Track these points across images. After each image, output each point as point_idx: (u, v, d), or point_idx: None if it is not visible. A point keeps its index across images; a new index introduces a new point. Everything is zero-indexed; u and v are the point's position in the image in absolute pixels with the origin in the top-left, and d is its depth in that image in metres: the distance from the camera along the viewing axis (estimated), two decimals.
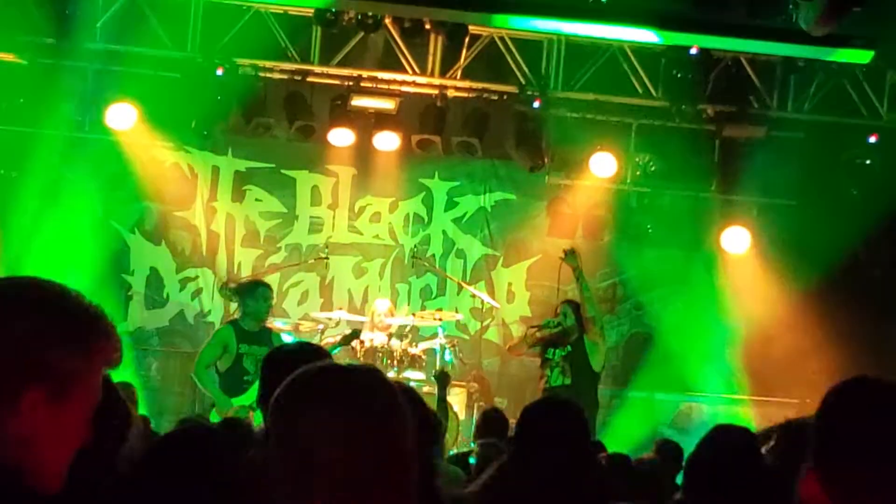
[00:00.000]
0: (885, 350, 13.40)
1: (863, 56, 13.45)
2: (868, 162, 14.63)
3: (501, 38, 14.71)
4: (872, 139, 14.68)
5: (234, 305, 14.45)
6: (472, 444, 10.06)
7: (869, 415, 2.68)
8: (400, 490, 2.67)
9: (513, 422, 6.50)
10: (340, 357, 11.68)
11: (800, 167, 14.57)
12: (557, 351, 12.21)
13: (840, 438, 2.68)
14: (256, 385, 11.49)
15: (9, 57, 14.01)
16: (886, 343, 13.81)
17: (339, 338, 12.45)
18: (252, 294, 11.80)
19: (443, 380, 11.01)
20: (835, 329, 13.58)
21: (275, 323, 13.35)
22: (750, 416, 13.98)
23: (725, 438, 5.08)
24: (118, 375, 3.70)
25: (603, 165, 14.73)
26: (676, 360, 14.75)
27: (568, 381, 11.88)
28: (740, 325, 14.85)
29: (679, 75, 14.43)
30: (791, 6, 12.12)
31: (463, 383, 13.62)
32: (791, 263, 14.52)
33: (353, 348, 12.78)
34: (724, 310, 14.95)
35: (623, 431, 13.84)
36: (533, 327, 12.71)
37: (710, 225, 15.14)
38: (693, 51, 14.15)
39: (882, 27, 12.77)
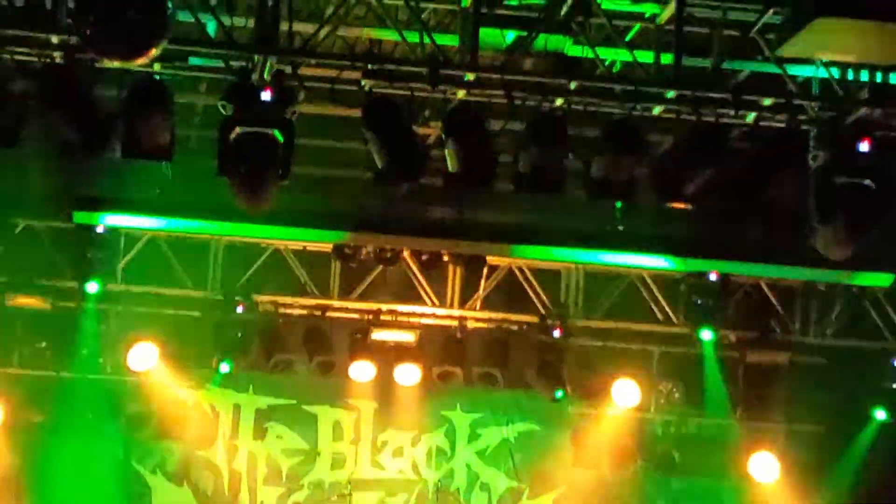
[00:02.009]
0: None
1: (883, 279, 13.40)
2: (894, 385, 14.51)
3: (520, 269, 14.78)
4: None
5: None
6: None
7: None
8: None
9: None
10: None
11: (825, 392, 14.44)
12: None
13: None
14: None
15: (32, 302, 14.09)
16: None
17: None
18: None
19: None
20: None
21: None
22: None
23: None
24: None
25: (626, 394, 14.63)
26: None
27: None
28: None
29: (699, 301, 14.42)
30: (807, 230, 12.16)
31: None
32: (822, 489, 14.26)
33: None
34: None
35: None
36: None
37: (738, 451, 14.93)
38: (712, 277, 14.16)
39: None
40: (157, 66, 9.10)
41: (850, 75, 9.76)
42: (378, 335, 14.70)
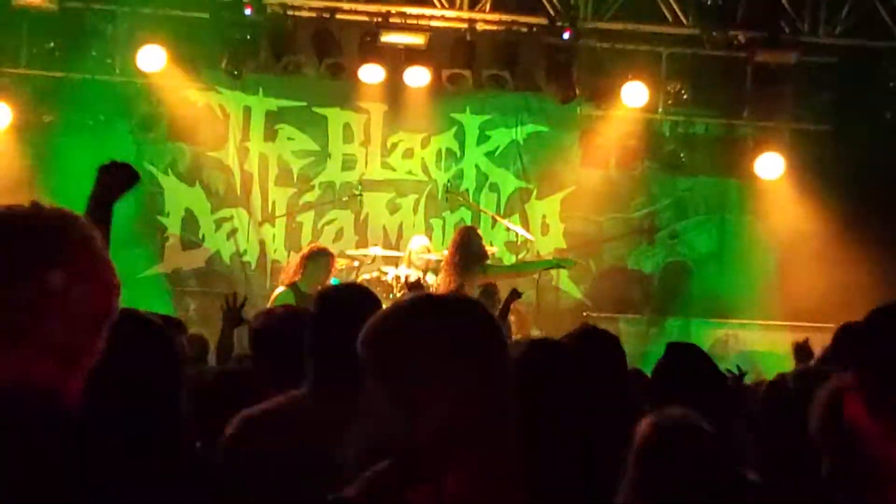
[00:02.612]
0: None
1: None
2: None
3: None
4: None
5: (270, 244, 14.66)
6: None
7: None
8: (503, 419, 2.69)
9: None
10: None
11: (833, 92, 14.47)
12: None
13: (880, 358, 2.69)
14: None
15: (38, 2, 14.01)
16: None
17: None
18: (314, 260, 11.78)
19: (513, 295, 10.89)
20: (870, 253, 13.54)
21: None
22: (787, 341, 13.97)
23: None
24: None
25: (635, 95, 14.65)
26: (713, 287, 14.75)
27: None
28: (775, 251, 14.81)
29: (709, 2, 14.32)
30: None
31: None
32: (826, 188, 14.43)
33: (389, 284, 12.79)
34: (760, 236, 14.91)
35: None
36: None
37: (744, 152, 15.05)
38: None
39: None
40: None
41: None
42: (387, 38, 14.62)
